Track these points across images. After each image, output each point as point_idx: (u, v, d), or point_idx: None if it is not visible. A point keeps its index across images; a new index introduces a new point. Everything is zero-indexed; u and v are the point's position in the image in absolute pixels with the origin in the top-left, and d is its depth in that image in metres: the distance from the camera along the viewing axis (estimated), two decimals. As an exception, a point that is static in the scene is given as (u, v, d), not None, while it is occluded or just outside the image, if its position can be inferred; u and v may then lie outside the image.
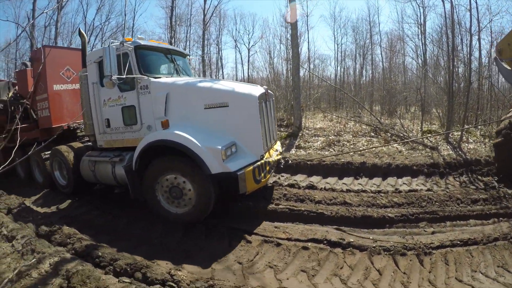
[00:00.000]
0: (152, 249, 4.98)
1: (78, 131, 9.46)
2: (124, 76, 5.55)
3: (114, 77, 5.34)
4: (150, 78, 5.86)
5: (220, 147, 4.95)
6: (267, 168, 5.60)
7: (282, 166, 6.67)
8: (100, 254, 4.51)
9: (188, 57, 7.83)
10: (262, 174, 5.42)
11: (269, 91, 6.22)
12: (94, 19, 29.22)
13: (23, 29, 23.57)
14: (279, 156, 6.51)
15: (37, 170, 9.08)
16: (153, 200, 5.61)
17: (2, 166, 2.98)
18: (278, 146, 7.02)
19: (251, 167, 5.14)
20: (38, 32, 24.95)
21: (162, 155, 5.52)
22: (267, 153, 5.76)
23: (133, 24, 29.06)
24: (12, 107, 9.74)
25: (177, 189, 5.39)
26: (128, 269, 4.13)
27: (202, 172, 5.02)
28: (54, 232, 5.34)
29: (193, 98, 5.60)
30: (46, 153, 8.32)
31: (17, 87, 10.20)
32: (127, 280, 3.87)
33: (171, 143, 5.19)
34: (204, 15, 27.05)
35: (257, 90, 5.60)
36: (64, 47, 9.44)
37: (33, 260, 4.23)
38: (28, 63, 10.07)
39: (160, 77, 6.04)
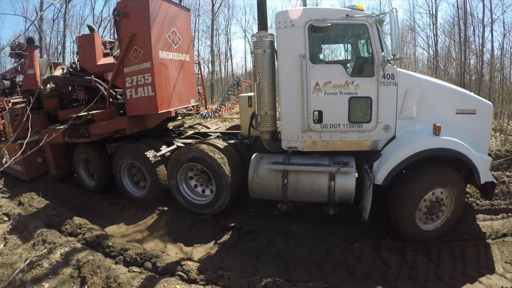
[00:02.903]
0: (161, 239, 5.04)
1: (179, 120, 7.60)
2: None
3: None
4: (394, 66, 4.73)
5: (489, 157, 4.74)
6: None
7: None
8: (110, 244, 4.58)
9: None
10: None
11: None
12: (102, 10, 29.20)
13: (32, 22, 23.68)
14: None
15: (127, 180, 6.54)
16: (409, 221, 4.62)
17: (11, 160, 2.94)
18: None
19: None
20: (46, 25, 25.06)
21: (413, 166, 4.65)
22: None
23: (142, 14, 28.99)
24: (70, 86, 7.52)
25: (436, 205, 4.66)
26: (138, 259, 4.20)
27: (466, 182, 4.81)
28: (65, 223, 5.41)
29: (447, 101, 4.86)
30: (157, 154, 6.11)
31: (76, 59, 7.74)
32: (137, 269, 3.94)
33: (454, 153, 4.47)
34: (213, 5, 27.01)
35: None
36: (172, 1, 6.58)
37: (44, 251, 4.29)
38: (94, 27, 7.68)
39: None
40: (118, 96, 6.78)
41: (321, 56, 4.99)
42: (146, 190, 6.29)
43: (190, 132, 7.32)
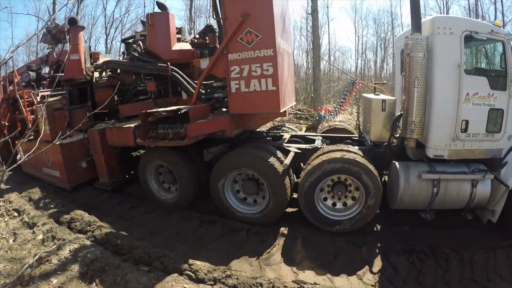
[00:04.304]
0: (169, 238, 5.06)
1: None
2: None
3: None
4: None
5: None
6: None
7: None
8: (119, 242, 4.61)
9: None
10: None
11: None
12: (114, 11, 29.65)
13: (45, 23, 23.96)
14: None
15: (231, 195, 5.45)
16: None
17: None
18: None
19: None
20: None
21: None
22: None
23: (153, 16, 29.08)
24: (133, 75, 6.36)
25: None
26: (147, 257, 4.21)
27: None
28: (75, 220, 5.46)
29: None
30: (286, 163, 5.01)
31: (141, 42, 6.55)
32: (145, 268, 3.96)
33: None
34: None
35: None
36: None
37: (53, 247, 4.33)
38: (166, 4, 6.38)
39: None
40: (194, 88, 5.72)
41: (470, 67, 5.25)
42: (263, 207, 5.22)
43: (287, 136, 6.31)
